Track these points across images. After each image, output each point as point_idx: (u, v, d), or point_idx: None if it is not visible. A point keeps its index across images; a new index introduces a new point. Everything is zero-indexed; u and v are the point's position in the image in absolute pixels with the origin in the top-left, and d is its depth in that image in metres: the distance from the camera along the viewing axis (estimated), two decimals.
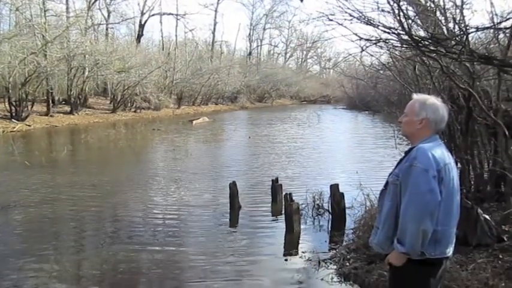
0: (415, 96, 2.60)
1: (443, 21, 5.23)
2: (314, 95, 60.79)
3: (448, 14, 5.02)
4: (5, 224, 6.72)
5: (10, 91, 21.12)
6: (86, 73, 26.69)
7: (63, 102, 27.05)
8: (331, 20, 4.69)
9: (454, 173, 2.44)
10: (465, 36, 4.03)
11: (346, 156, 13.34)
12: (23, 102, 21.61)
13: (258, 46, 60.63)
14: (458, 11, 4.48)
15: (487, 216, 4.52)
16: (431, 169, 2.30)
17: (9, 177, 9.90)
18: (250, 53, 57.79)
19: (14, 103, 21.27)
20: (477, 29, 4.26)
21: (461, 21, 4.29)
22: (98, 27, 34.45)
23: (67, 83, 25.90)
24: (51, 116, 23.75)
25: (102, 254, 5.40)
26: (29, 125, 20.96)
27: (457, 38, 4.13)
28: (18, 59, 20.97)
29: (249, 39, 58.18)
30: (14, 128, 19.86)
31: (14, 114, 21.09)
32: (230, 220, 6.95)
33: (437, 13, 5.19)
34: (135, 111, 29.92)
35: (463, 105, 5.93)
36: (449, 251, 2.45)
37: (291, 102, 57.04)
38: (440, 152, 2.39)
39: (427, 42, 4.32)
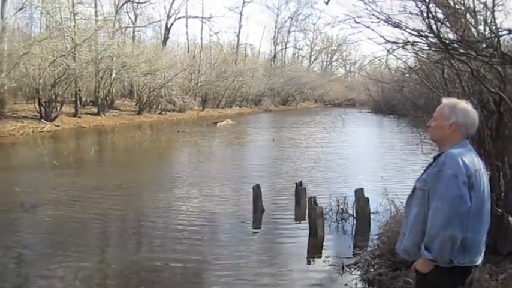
0: (444, 100, 2.54)
1: (473, 23, 5.11)
2: (339, 98, 60.42)
3: (478, 16, 4.90)
4: (33, 224, 6.89)
5: (40, 92, 21.67)
6: (113, 75, 27.18)
7: (91, 104, 27.59)
8: (358, 23, 4.64)
9: (485, 179, 2.38)
10: (496, 39, 3.92)
11: (371, 162, 13.15)
12: (52, 103, 22.17)
13: (282, 49, 60.64)
14: (489, 13, 4.36)
15: None
16: (461, 175, 2.24)
17: (39, 176, 10.15)
18: (274, 56, 57.81)
19: (43, 104, 21.82)
20: (509, 31, 4.13)
21: (492, 24, 4.17)
22: (125, 30, 35.02)
23: (95, 85, 26.39)
24: (78, 117, 24.24)
25: (125, 261, 5.35)
26: (57, 126, 21.45)
27: (488, 41, 4.02)
28: (48, 61, 21.48)
29: (274, 42, 58.26)
30: (44, 128, 20.36)
31: (43, 114, 21.63)
32: (253, 223, 6.94)
33: (467, 15, 5.07)
34: (160, 113, 30.28)
35: (493, 109, 5.76)
36: (479, 259, 2.38)
37: (315, 106, 56.81)
38: (470, 158, 2.33)
39: (456, 45, 4.23)
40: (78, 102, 25.05)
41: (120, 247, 5.96)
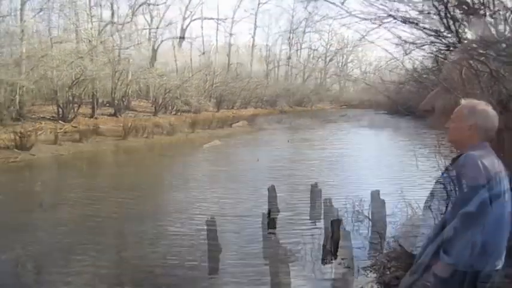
0: (463, 101, 2.48)
1: (492, 23, 5.02)
2: (354, 99, 59.93)
3: (498, 16, 4.82)
4: (51, 225, 6.96)
5: (58, 94, 21.99)
6: (129, 77, 27.43)
7: (107, 105, 27.87)
8: (375, 24, 4.61)
9: (506, 182, 2.32)
10: None
11: (387, 163, 13.01)
12: (70, 105, 22.46)
13: (297, 50, 60.43)
14: (509, 12, 4.28)
15: None
16: (481, 177, 2.19)
17: (58, 176, 10.29)
18: (289, 57, 57.65)
19: (61, 105, 22.13)
20: None
21: None
22: (141, 32, 35.32)
23: (111, 86, 26.67)
24: (95, 118, 24.49)
25: (140, 265, 5.37)
26: (75, 127, 21.69)
27: (508, 41, 3.95)
28: (66, 63, 21.79)
29: (289, 43, 58.06)
30: (61, 129, 20.60)
31: (61, 116, 21.93)
32: (268, 224, 6.90)
33: (487, 15, 4.99)
34: (175, 114, 30.44)
35: None
36: (499, 263, 2.33)
37: (330, 107, 56.48)
38: (490, 160, 2.28)
39: (475, 45, 4.16)
40: (95, 104, 25.32)
41: (135, 253, 5.92)
